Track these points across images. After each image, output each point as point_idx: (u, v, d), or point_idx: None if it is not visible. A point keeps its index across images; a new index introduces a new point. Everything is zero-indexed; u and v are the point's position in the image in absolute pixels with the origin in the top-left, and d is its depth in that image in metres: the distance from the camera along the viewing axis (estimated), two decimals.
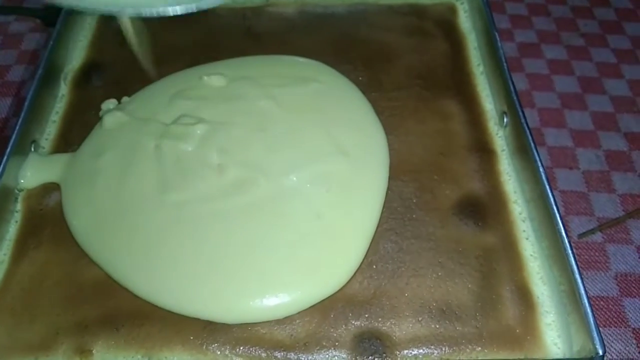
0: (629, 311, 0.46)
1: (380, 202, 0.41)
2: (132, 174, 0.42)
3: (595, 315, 0.44)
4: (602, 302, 0.46)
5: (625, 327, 0.45)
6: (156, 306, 0.36)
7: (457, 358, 0.34)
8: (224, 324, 0.36)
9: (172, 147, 0.43)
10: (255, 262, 0.38)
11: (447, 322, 0.35)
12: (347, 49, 0.50)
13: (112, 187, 0.42)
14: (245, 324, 0.36)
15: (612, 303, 0.46)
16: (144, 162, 0.43)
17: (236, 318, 0.36)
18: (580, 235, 0.50)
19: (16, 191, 0.42)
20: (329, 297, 0.37)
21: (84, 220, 0.41)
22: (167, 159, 0.43)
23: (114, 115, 0.46)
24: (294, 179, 0.42)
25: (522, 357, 0.34)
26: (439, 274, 0.37)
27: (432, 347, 0.35)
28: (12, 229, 0.41)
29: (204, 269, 0.38)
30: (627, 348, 0.44)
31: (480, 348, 0.34)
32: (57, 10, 0.50)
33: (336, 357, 0.35)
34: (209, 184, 0.41)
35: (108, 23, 0.54)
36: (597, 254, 0.49)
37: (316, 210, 0.40)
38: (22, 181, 0.43)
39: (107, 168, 0.43)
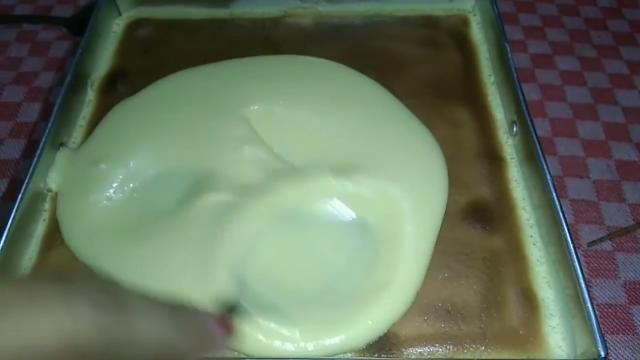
0: (637, 319, 0.46)
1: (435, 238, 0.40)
2: (139, 186, 0.43)
3: (604, 322, 0.45)
4: (610, 310, 0.47)
5: (633, 335, 0.45)
6: None
7: (461, 357, 0.35)
8: None
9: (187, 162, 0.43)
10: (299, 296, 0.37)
11: (452, 321, 0.36)
12: (360, 58, 0.52)
13: (113, 198, 0.42)
14: None
15: (620, 311, 0.47)
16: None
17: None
18: (590, 244, 0.50)
19: (45, 191, 0.45)
20: None
21: (80, 231, 0.41)
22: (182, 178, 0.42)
23: (112, 118, 0.46)
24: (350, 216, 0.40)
25: (525, 357, 0.35)
26: (446, 275, 0.38)
27: (437, 345, 0.36)
28: (41, 227, 0.43)
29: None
30: (634, 355, 0.45)
31: (483, 347, 0.36)
32: (82, 19, 0.53)
33: None
34: (245, 206, 0.40)
35: (133, 32, 0.57)
36: (606, 262, 0.50)
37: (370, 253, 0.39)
38: (49, 181, 0.45)
39: (107, 177, 0.43)
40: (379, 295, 0.36)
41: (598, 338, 0.33)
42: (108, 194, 0.43)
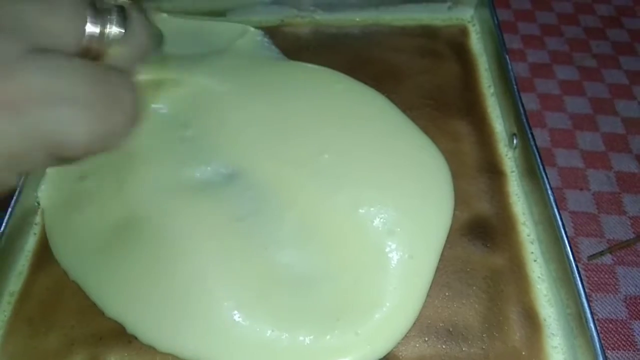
0: (638, 334, 0.46)
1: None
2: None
3: (604, 338, 0.45)
4: (610, 325, 0.46)
5: (634, 351, 0.45)
6: None
7: None
8: None
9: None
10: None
11: (454, 342, 0.36)
12: (359, 68, 0.51)
13: (106, 212, 0.41)
14: None
15: (620, 326, 0.46)
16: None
17: None
18: (590, 257, 0.50)
19: (36, 204, 0.44)
20: None
21: (71, 252, 0.40)
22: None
23: None
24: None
25: None
26: (446, 294, 0.38)
27: None
28: (32, 241, 0.42)
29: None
30: None
31: None
32: None
33: None
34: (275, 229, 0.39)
35: None
36: (606, 276, 0.49)
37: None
38: (40, 194, 0.44)
39: (99, 189, 0.42)
40: (373, 314, 0.35)
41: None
42: (95, 210, 0.42)
